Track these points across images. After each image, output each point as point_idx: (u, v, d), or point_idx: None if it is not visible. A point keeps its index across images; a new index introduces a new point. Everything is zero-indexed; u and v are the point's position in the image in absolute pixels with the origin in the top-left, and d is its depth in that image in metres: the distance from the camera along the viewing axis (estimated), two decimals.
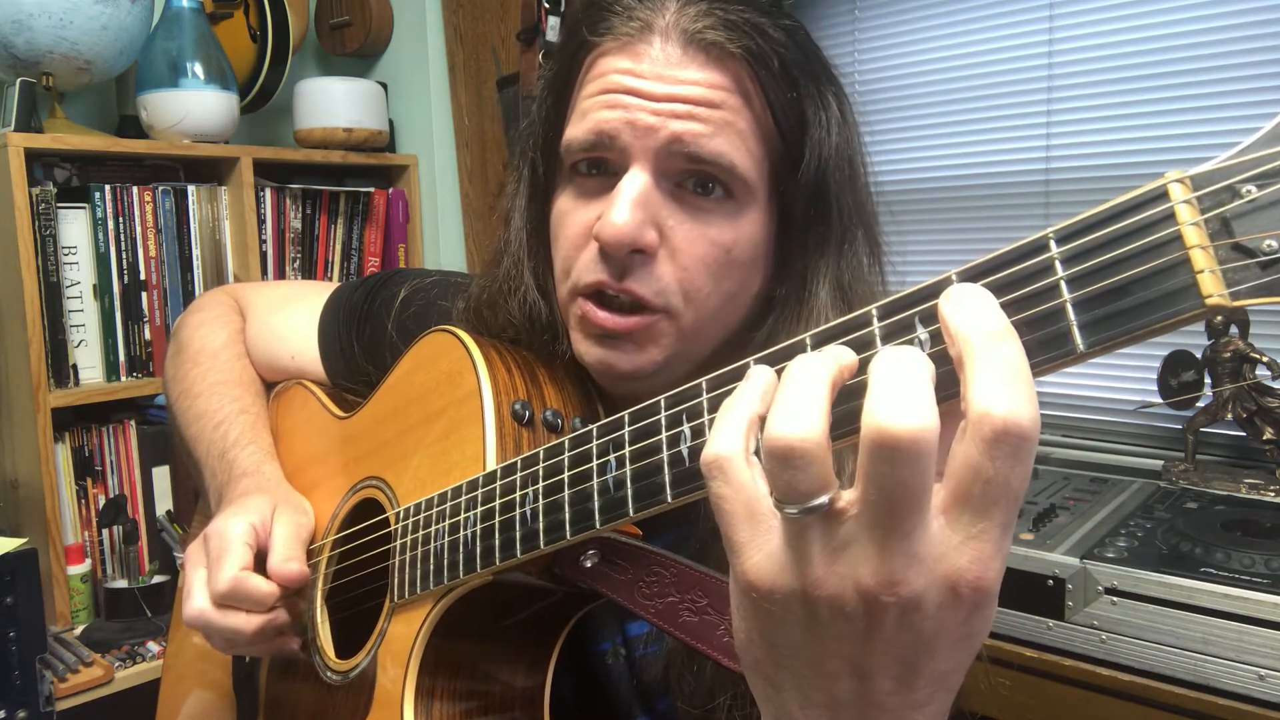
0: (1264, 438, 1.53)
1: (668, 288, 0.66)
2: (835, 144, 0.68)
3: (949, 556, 0.35)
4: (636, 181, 0.64)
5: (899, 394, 0.34)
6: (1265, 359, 1.52)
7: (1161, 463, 1.65)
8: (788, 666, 0.39)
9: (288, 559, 0.77)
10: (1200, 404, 1.61)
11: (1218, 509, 1.44)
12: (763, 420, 0.40)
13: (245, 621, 0.75)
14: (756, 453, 0.39)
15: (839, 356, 0.38)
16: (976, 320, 0.35)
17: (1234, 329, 1.56)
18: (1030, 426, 0.33)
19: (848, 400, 0.38)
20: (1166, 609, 1.20)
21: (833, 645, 0.37)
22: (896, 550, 0.35)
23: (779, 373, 0.40)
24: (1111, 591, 1.24)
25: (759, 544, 0.38)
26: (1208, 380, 1.59)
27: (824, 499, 0.35)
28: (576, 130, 0.67)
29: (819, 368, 0.37)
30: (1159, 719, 1.20)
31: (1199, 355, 1.60)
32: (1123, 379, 1.82)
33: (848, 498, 0.36)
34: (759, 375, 0.41)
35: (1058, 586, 1.28)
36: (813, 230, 0.69)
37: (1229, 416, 1.57)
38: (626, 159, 0.65)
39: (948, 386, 0.36)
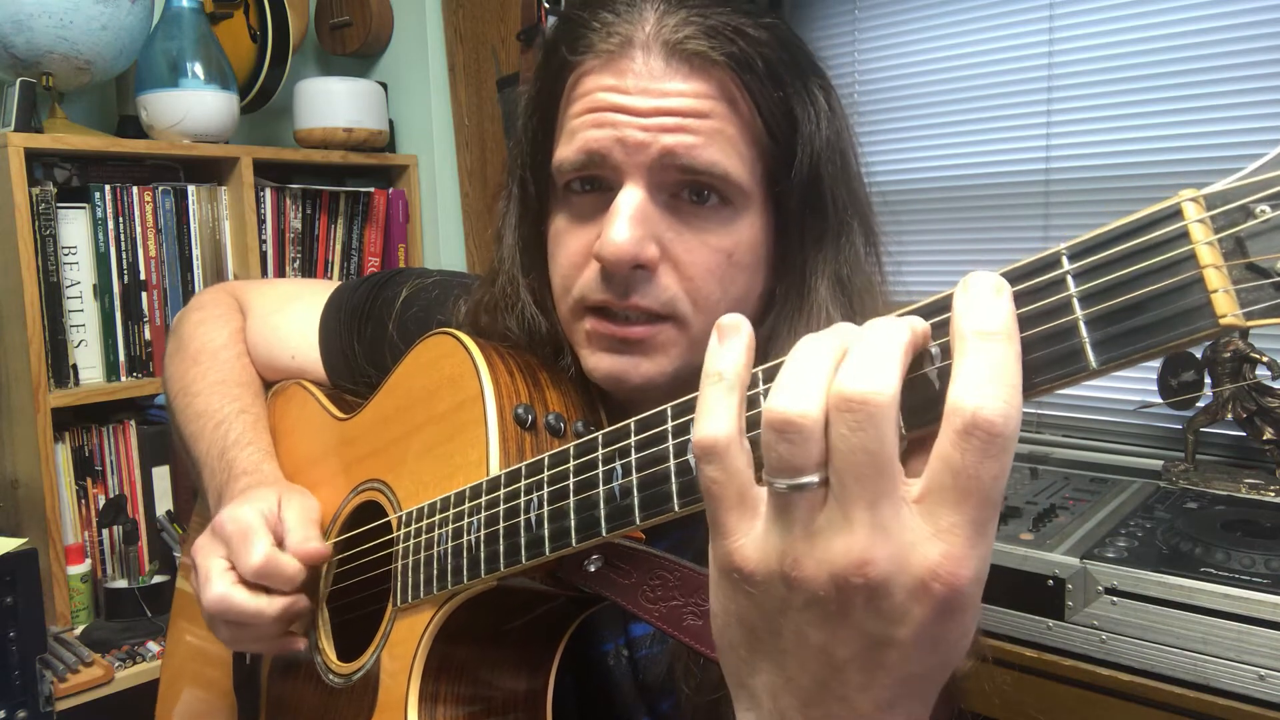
0: (1264, 438, 1.53)
1: (675, 297, 0.66)
2: (826, 138, 0.68)
3: (921, 546, 0.35)
4: (632, 198, 0.64)
5: (861, 360, 0.35)
6: (1265, 359, 1.52)
7: (1161, 463, 1.65)
8: (761, 652, 0.40)
9: (307, 538, 0.77)
10: (1200, 404, 1.61)
11: (1218, 509, 1.44)
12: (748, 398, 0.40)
13: (269, 604, 0.75)
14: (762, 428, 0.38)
15: (844, 337, 0.38)
16: (976, 317, 0.35)
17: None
18: (1002, 424, 0.33)
19: None
20: (1166, 609, 1.20)
21: (806, 630, 0.38)
22: (862, 521, 0.35)
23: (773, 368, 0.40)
24: (1111, 591, 1.24)
25: (745, 527, 0.38)
26: (1208, 380, 1.59)
27: (813, 477, 0.36)
28: (567, 151, 0.67)
29: (824, 347, 0.38)
30: (1159, 719, 1.20)
31: (1199, 355, 1.60)
32: (1123, 379, 1.82)
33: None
34: (731, 325, 0.40)
35: (1058, 586, 1.28)
36: (809, 226, 0.69)
37: (1229, 416, 1.57)
38: (620, 176, 0.65)
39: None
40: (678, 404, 0.49)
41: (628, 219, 0.63)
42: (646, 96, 0.63)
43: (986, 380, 0.34)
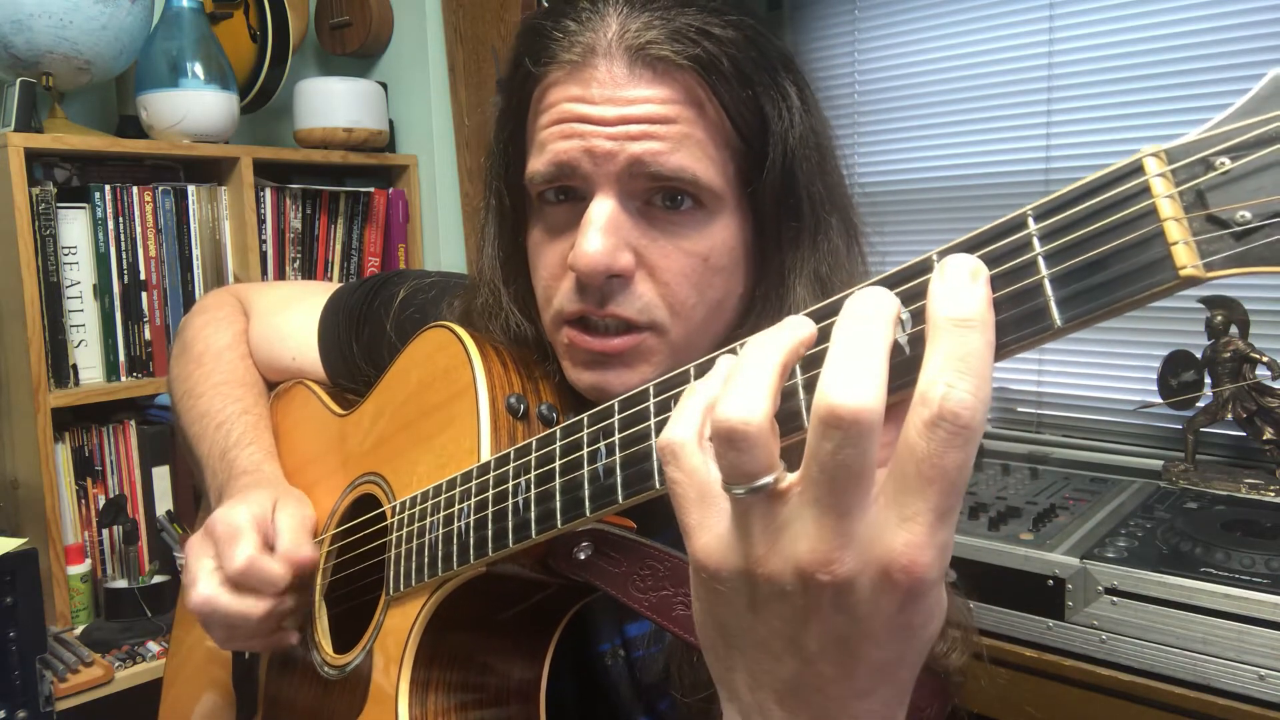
0: (1264, 438, 1.53)
1: (651, 304, 0.66)
2: (799, 134, 0.67)
3: (883, 538, 0.35)
4: (603, 208, 0.64)
5: (848, 369, 0.35)
6: (1265, 359, 1.52)
7: (1161, 463, 1.65)
8: (737, 647, 0.40)
9: (298, 545, 0.77)
10: (1200, 404, 1.61)
11: (1218, 509, 1.44)
12: None
13: (253, 606, 0.75)
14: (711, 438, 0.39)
15: (792, 335, 0.39)
16: (951, 303, 0.35)
17: (1234, 329, 1.56)
18: (968, 415, 0.33)
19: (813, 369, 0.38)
20: (1166, 609, 1.20)
21: (776, 625, 0.38)
22: (833, 528, 0.35)
23: None
24: (1111, 591, 1.24)
25: (708, 525, 0.39)
26: (1208, 380, 1.59)
27: (768, 479, 0.36)
28: (537, 163, 0.66)
29: (770, 350, 0.38)
30: (1159, 719, 1.20)
31: (1199, 355, 1.60)
32: (1123, 379, 1.82)
33: (791, 479, 0.37)
34: (722, 366, 0.42)
35: (1058, 586, 1.28)
36: (785, 225, 0.68)
37: (1229, 416, 1.57)
38: (591, 186, 0.65)
39: (918, 368, 0.36)
40: (660, 382, 0.49)
41: (599, 229, 0.63)
42: (611, 105, 0.63)
43: (956, 370, 0.34)
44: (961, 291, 0.35)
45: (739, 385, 0.37)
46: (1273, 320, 1.63)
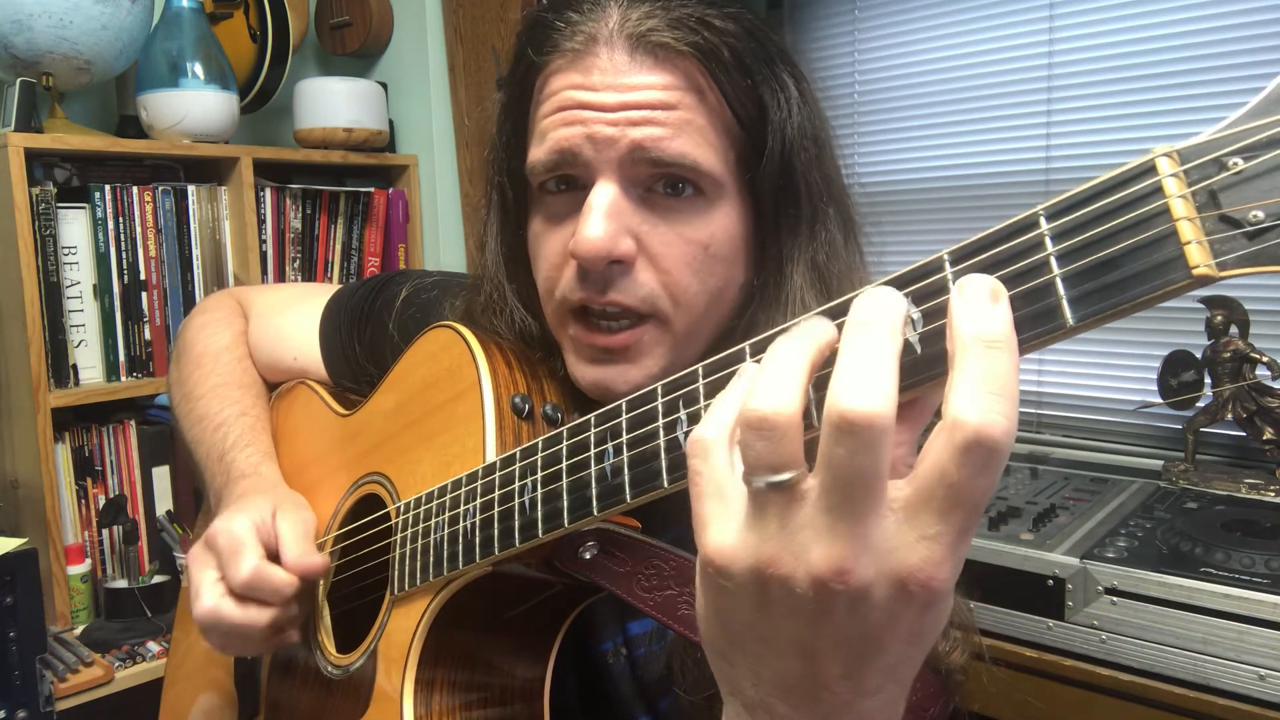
0: (1264, 438, 1.53)
1: (653, 292, 0.66)
2: (797, 124, 0.67)
3: (900, 552, 0.35)
4: (605, 194, 0.64)
5: (858, 375, 0.35)
6: (1265, 359, 1.52)
7: (1161, 463, 1.65)
8: (740, 643, 0.40)
9: (304, 554, 0.77)
10: (1200, 404, 1.61)
11: (1218, 509, 1.45)
12: None
13: (259, 615, 0.75)
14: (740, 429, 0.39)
15: (816, 336, 0.39)
16: (977, 322, 0.35)
17: (1234, 329, 1.56)
18: (1002, 440, 0.33)
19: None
20: (1166, 609, 1.20)
21: (782, 624, 0.38)
22: (847, 535, 0.35)
23: None
24: (1111, 591, 1.24)
25: (724, 520, 0.39)
26: (1208, 380, 1.59)
27: (789, 475, 0.36)
28: (539, 152, 0.67)
29: (798, 347, 0.38)
30: (1159, 719, 1.20)
31: (1199, 355, 1.60)
32: (1123, 379, 1.82)
33: (810, 482, 0.36)
34: (749, 370, 0.42)
35: (1058, 586, 1.28)
36: (784, 214, 0.68)
37: (1229, 416, 1.57)
38: (592, 173, 0.65)
39: (930, 367, 0.36)
40: (668, 382, 0.49)
41: (601, 214, 0.63)
42: (613, 91, 0.63)
43: (989, 393, 0.33)
44: (985, 311, 0.35)
45: (769, 378, 0.37)
46: (1273, 320, 1.64)
